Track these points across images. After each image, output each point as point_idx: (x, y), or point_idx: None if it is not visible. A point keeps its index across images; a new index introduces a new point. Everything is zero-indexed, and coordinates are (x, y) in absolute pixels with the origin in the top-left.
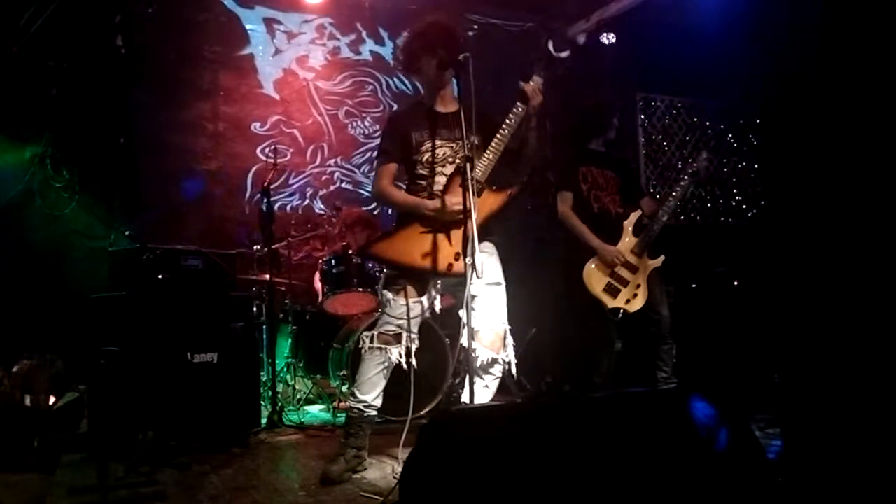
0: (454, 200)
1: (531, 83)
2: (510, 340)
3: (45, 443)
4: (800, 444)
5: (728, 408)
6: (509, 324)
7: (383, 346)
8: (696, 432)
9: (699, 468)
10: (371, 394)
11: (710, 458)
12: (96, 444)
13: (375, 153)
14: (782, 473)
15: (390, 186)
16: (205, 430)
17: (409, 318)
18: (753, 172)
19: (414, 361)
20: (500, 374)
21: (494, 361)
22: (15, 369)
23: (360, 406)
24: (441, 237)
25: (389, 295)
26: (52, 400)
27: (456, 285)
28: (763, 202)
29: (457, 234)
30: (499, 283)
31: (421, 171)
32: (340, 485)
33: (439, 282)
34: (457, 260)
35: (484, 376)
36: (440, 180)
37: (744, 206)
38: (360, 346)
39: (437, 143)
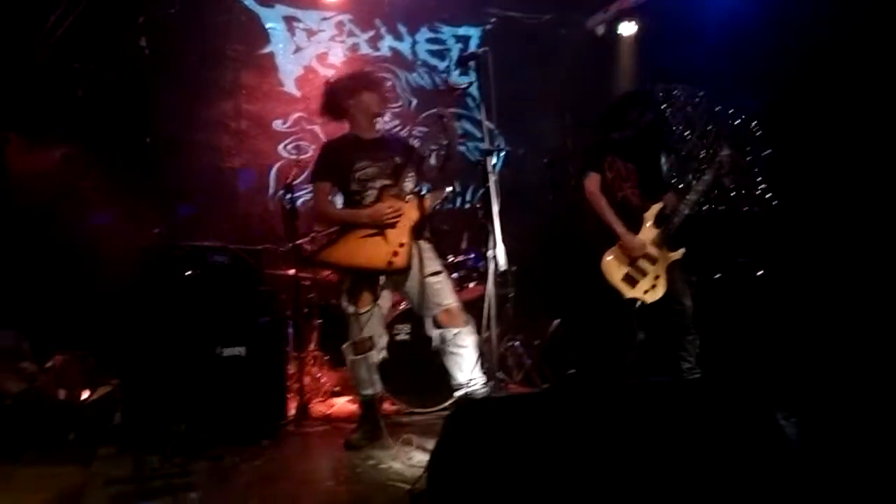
0: (385, 205)
1: (443, 112)
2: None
3: (80, 436)
4: (817, 434)
5: (753, 398)
6: (531, 315)
7: (362, 354)
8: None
9: (723, 458)
10: (371, 388)
11: (735, 449)
12: (130, 437)
13: (309, 176)
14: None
15: (328, 204)
16: (235, 423)
17: (374, 321)
18: (777, 161)
19: (386, 354)
20: (471, 344)
21: (462, 334)
22: (49, 365)
23: (367, 397)
24: (379, 239)
25: (350, 308)
26: (85, 394)
27: (399, 282)
28: (782, 192)
29: (391, 235)
30: (438, 272)
31: (354, 189)
32: (368, 472)
33: (382, 279)
34: (395, 256)
35: (459, 350)
36: (371, 193)
37: (767, 196)
38: (345, 358)
39: (366, 163)
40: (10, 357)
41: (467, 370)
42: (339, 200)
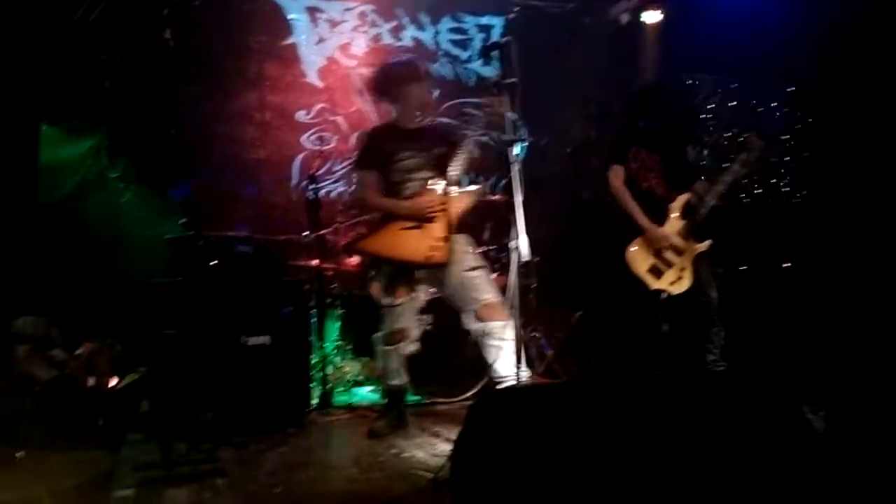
0: (425, 199)
1: (487, 100)
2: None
3: (109, 422)
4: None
5: (779, 391)
6: (554, 307)
7: (394, 345)
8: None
9: (748, 450)
10: (398, 380)
11: (760, 441)
12: (158, 424)
13: (353, 164)
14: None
15: (371, 192)
16: (260, 410)
17: (407, 314)
18: (805, 152)
19: (413, 347)
20: (511, 338)
21: (503, 327)
22: (78, 352)
23: (393, 387)
24: (418, 232)
25: (385, 299)
26: (113, 381)
27: (436, 276)
28: (813, 182)
29: (432, 229)
30: (477, 267)
31: (394, 179)
32: (391, 461)
33: (420, 273)
34: (435, 251)
35: (500, 343)
36: (412, 185)
37: (794, 187)
38: (375, 348)
39: (408, 153)
40: (40, 345)
41: (508, 363)
42: None
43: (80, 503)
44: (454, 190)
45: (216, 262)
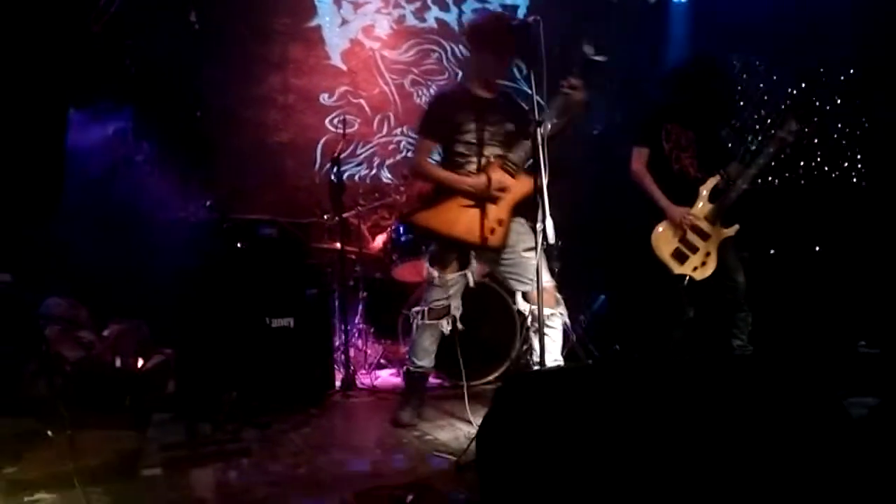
0: (495, 177)
1: (570, 81)
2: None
3: (136, 402)
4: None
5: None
6: (577, 290)
7: (434, 321)
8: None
9: (775, 436)
10: (426, 360)
11: (790, 426)
12: (184, 404)
13: (418, 128)
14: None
15: (429, 162)
16: (283, 391)
17: (457, 291)
18: (836, 133)
19: (460, 326)
20: (561, 326)
21: (552, 315)
22: (105, 333)
23: (419, 371)
24: (477, 212)
25: (435, 272)
26: (140, 362)
27: (490, 258)
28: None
29: (492, 210)
30: (533, 248)
31: (460, 150)
32: (413, 443)
33: (474, 253)
34: (491, 234)
35: (547, 331)
36: (476, 160)
37: (826, 169)
38: (412, 321)
39: (479, 125)
40: (69, 326)
41: (554, 351)
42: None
43: (107, 481)
44: (518, 169)
45: (241, 244)
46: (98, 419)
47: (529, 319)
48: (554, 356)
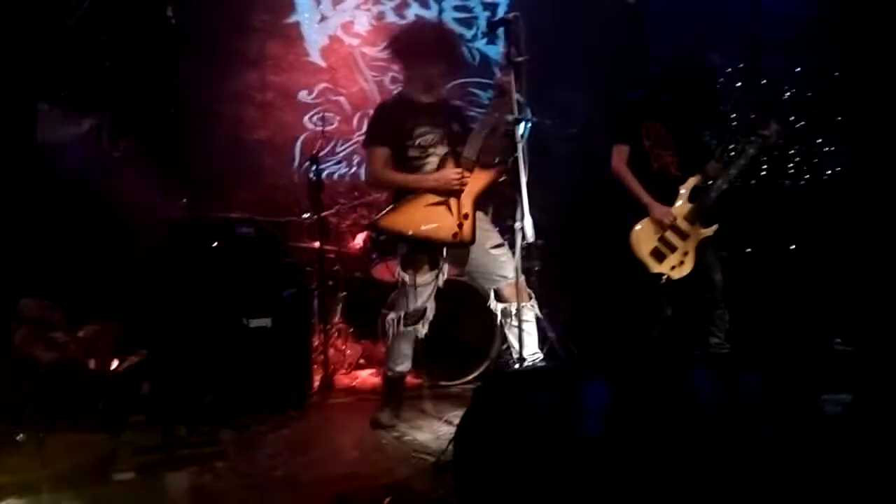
0: (454, 172)
1: (500, 78)
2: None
3: (110, 404)
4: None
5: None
6: (557, 289)
7: (411, 326)
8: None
9: (750, 431)
10: (404, 364)
11: (764, 422)
12: (159, 406)
13: (365, 140)
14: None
15: (385, 169)
16: (261, 393)
17: (430, 294)
18: (812, 134)
19: (426, 329)
20: (533, 318)
21: (523, 308)
22: (80, 334)
23: (396, 374)
24: (443, 209)
25: (407, 276)
26: (114, 363)
27: (460, 256)
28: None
29: (456, 205)
30: (500, 245)
31: (413, 154)
32: (392, 444)
33: (445, 251)
34: (460, 228)
35: (522, 324)
36: (432, 160)
37: (802, 168)
38: (388, 328)
39: (426, 129)
40: (42, 327)
41: (530, 345)
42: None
43: (78, 486)
44: (474, 164)
45: (218, 243)
46: (71, 422)
47: (500, 317)
48: (532, 349)
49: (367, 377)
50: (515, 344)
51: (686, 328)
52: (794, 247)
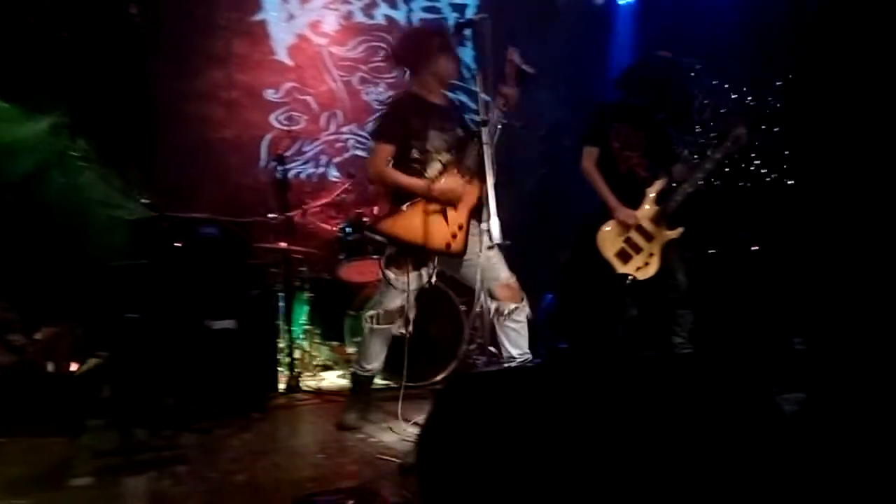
0: (454, 182)
1: (503, 90)
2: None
3: (69, 408)
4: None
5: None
6: (524, 290)
7: (388, 325)
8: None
9: (713, 432)
10: (376, 363)
11: (726, 423)
12: (119, 410)
13: (374, 133)
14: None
15: (388, 168)
16: (224, 396)
17: (408, 293)
18: (774, 136)
19: (411, 328)
20: (525, 319)
21: (518, 309)
22: (37, 337)
23: (367, 374)
24: (439, 218)
25: (392, 274)
26: (73, 366)
27: (453, 262)
28: (785, 165)
29: (452, 215)
30: (493, 246)
31: (415, 156)
32: (357, 446)
33: (436, 259)
34: (453, 239)
35: (513, 325)
36: (435, 166)
37: (763, 171)
38: (364, 325)
39: (434, 133)
40: None
41: (521, 345)
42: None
43: (32, 492)
44: (472, 174)
45: (180, 244)
46: (28, 426)
47: (494, 313)
48: (522, 349)
49: (333, 379)
50: (507, 343)
51: (650, 328)
52: (756, 248)
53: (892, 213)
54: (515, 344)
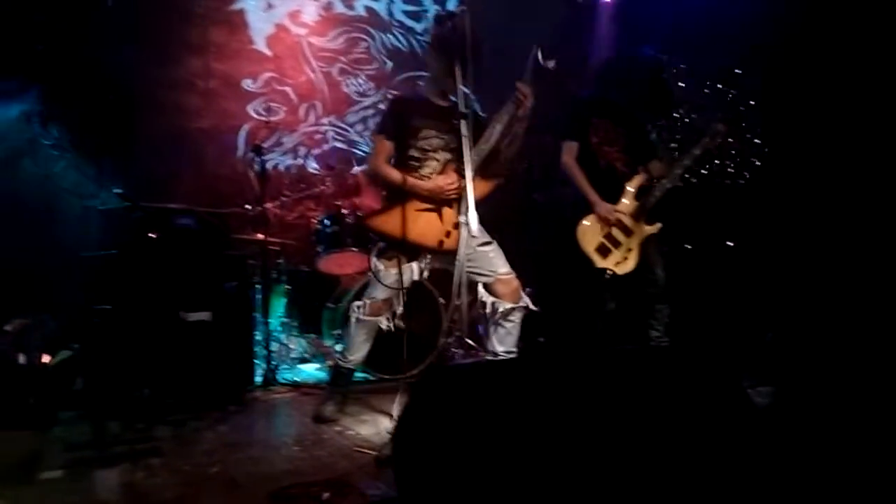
0: (448, 181)
1: (521, 87)
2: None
3: (40, 401)
4: (792, 399)
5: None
6: None
7: (373, 316)
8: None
9: (689, 424)
10: (359, 355)
11: (701, 416)
12: (92, 402)
13: (375, 128)
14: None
15: (386, 163)
16: (200, 388)
17: (401, 287)
18: (750, 133)
19: (401, 323)
20: (520, 321)
21: (513, 310)
22: (8, 328)
23: (349, 366)
24: (434, 216)
25: (381, 266)
26: (45, 358)
27: (446, 260)
28: (759, 162)
29: (447, 213)
30: (490, 242)
31: (413, 154)
32: (334, 439)
33: (429, 255)
34: (447, 237)
35: (505, 324)
36: (432, 164)
37: (739, 168)
38: (351, 315)
39: (432, 132)
40: None
41: (508, 344)
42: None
43: (7, 485)
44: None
45: (155, 234)
46: None
47: (490, 311)
48: (508, 347)
49: (311, 371)
50: (494, 339)
51: (628, 322)
52: (731, 244)
53: (867, 209)
54: (503, 342)
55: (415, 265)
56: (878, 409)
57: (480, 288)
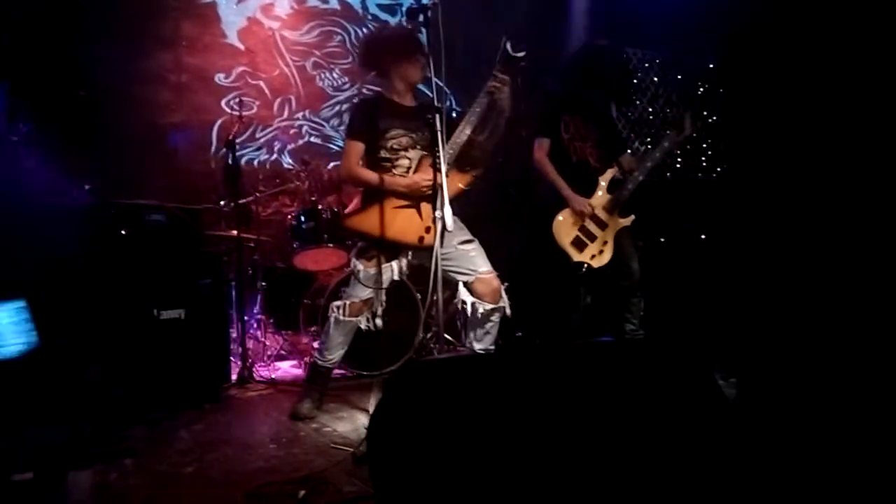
0: (425, 177)
1: (494, 80)
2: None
3: (9, 400)
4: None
5: (692, 358)
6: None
7: (353, 317)
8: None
9: (662, 416)
10: (338, 353)
11: (674, 407)
12: (64, 402)
13: (345, 131)
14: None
15: (359, 165)
16: (175, 387)
17: (381, 286)
18: (722, 128)
19: (380, 322)
20: (499, 321)
21: (494, 311)
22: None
23: (326, 365)
24: (412, 212)
25: (360, 265)
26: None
27: (426, 256)
28: (728, 157)
29: (426, 209)
30: (471, 241)
31: (384, 156)
32: (311, 436)
33: (410, 252)
34: (427, 232)
35: (484, 324)
36: (403, 163)
37: (712, 162)
38: (330, 315)
39: (399, 132)
40: None
41: (485, 342)
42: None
43: None
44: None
45: (126, 231)
46: None
47: (470, 311)
48: (486, 346)
49: (287, 368)
50: (472, 337)
51: (604, 315)
52: (704, 236)
53: (836, 202)
54: (481, 340)
55: (395, 264)
56: (848, 402)
57: (461, 287)
